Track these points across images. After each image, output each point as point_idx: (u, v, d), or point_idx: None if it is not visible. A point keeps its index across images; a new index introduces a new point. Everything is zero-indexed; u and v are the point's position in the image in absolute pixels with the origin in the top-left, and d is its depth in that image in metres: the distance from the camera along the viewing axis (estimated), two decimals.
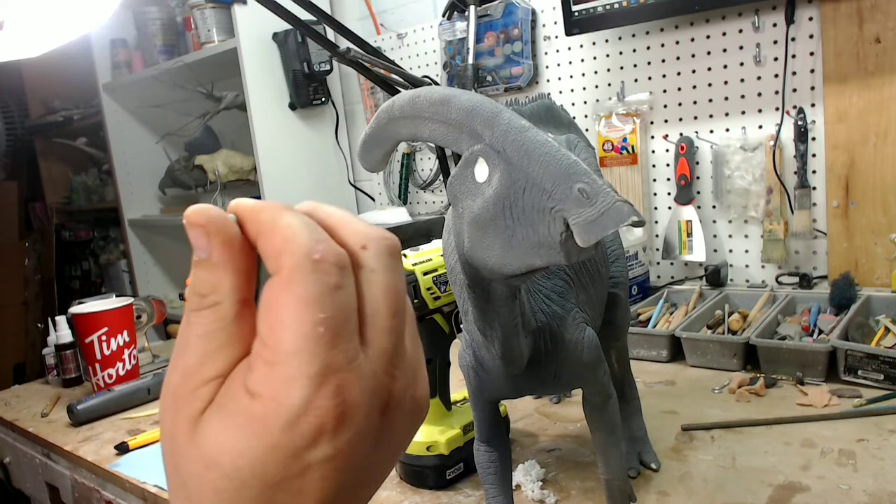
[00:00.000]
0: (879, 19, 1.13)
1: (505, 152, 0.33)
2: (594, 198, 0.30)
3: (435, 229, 0.84)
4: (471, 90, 0.47)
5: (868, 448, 0.76)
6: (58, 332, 1.36)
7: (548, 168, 0.31)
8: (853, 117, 1.18)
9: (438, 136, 0.35)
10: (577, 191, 0.30)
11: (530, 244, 0.32)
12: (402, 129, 0.37)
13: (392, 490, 0.80)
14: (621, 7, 1.30)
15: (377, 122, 0.39)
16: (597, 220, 0.30)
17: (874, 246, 1.19)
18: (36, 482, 1.21)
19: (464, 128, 0.34)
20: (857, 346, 0.92)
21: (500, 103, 0.36)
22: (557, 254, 0.32)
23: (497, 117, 0.33)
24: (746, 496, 0.69)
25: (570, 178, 0.31)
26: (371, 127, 0.39)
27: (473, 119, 0.34)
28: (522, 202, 0.32)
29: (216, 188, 2.09)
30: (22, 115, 3.24)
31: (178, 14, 2.15)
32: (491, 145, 0.33)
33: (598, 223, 0.30)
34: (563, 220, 0.31)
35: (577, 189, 0.30)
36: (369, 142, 0.40)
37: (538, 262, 0.33)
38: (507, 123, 0.33)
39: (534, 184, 0.32)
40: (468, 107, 0.34)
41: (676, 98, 1.39)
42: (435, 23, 1.71)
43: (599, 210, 0.30)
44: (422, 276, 0.77)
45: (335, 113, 2.02)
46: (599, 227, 0.30)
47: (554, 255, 0.32)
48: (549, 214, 0.31)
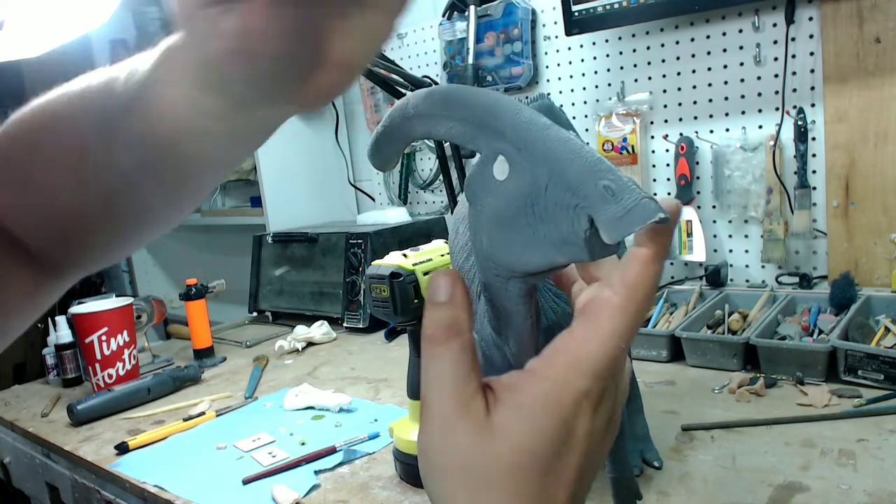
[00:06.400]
0: (879, 19, 1.13)
1: (526, 150, 0.33)
2: (620, 195, 0.30)
3: (435, 229, 0.84)
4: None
5: (868, 448, 0.76)
6: (58, 332, 1.36)
7: (571, 165, 0.31)
8: (853, 117, 1.18)
9: (455, 134, 0.35)
10: (602, 188, 0.30)
11: (553, 241, 0.32)
12: (416, 128, 0.37)
13: (392, 490, 0.80)
14: (621, 7, 1.30)
15: (390, 121, 0.38)
16: (623, 217, 0.29)
17: (874, 246, 1.19)
18: (36, 482, 1.21)
19: (482, 126, 0.34)
20: (857, 346, 0.92)
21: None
22: (581, 251, 0.32)
23: (518, 115, 0.33)
24: (746, 496, 0.69)
25: (595, 175, 0.30)
26: (383, 125, 0.39)
27: (493, 117, 0.34)
28: (545, 199, 0.32)
29: (216, 188, 2.09)
30: None
31: None
32: (512, 143, 0.33)
33: (625, 220, 0.29)
34: (588, 218, 0.31)
35: (603, 186, 0.30)
36: (380, 140, 0.39)
37: (561, 260, 0.33)
38: (529, 121, 0.33)
39: (557, 181, 0.32)
40: (487, 104, 0.34)
41: (676, 98, 1.39)
42: (435, 23, 1.71)
43: (625, 207, 0.29)
44: (422, 276, 0.76)
45: (335, 113, 2.02)
46: (626, 225, 0.30)
47: (578, 253, 0.32)
48: (573, 211, 0.31)
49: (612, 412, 0.33)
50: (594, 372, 0.29)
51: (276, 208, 1.88)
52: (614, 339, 0.29)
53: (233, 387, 1.24)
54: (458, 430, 0.29)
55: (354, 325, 1.51)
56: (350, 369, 1.28)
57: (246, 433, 1.00)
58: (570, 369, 0.29)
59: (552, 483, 0.30)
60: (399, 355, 1.30)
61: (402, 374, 0.84)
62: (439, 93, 0.36)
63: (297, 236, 1.71)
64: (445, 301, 0.30)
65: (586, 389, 0.29)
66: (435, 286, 0.31)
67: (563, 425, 0.29)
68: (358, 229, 1.58)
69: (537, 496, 0.29)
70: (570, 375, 0.29)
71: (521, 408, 0.29)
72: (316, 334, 1.46)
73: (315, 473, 0.86)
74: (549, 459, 0.29)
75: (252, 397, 1.17)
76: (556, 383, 0.29)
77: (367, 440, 0.93)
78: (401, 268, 0.76)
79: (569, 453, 0.30)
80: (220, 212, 2.13)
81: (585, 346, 0.30)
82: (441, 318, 0.30)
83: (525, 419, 0.29)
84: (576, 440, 0.30)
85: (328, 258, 1.63)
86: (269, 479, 0.86)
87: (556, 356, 0.30)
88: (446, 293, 0.31)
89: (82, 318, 1.22)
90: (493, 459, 0.29)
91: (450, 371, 0.30)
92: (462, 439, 0.29)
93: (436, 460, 0.30)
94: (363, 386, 1.17)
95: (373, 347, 1.40)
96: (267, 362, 1.36)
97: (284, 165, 1.91)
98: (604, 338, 0.29)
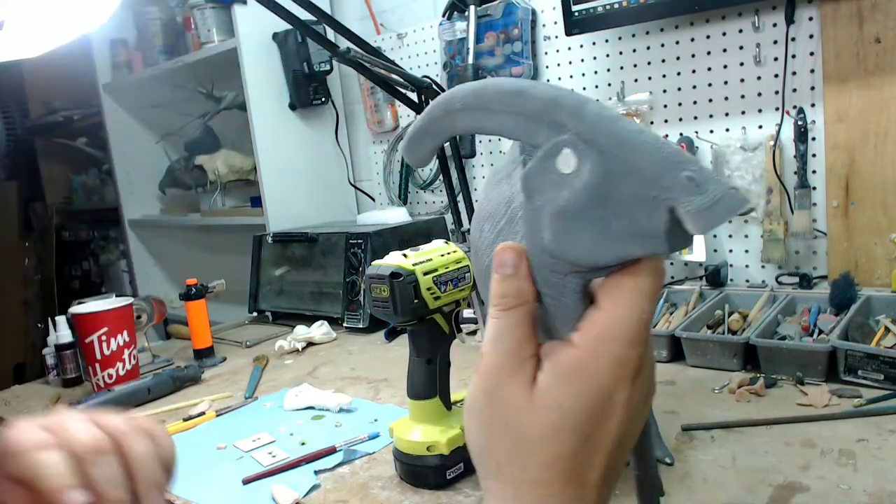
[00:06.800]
0: (879, 19, 1.13)
1: (596, 142, 0.32)
2: (705, 185, 0.29)
3: (435, 229, 0.84)
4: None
5: (868, 448, 0.76)
6: (58, 332, 1.36)
7: (649, 156, 0.31)
8: (853, 117, 1.18)
9: (508, 128, 0.35)
10: (685, 178, 0.30)
11: (627, 234, 0.32)
12: (460, 122, 0.37)
13: (392, 490, 0.80)
14: (621, 7, 1.30)
15: (430, 116, 0.38)
16: (711, 207, 0.29)
17: (874, 246, 1.19)
18: None
19: (542, 119, 0.33)
20: (857, 346, 0.92)
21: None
22: (661, 243, 0.31)
23: (584, 107, 0.33)
24: (746, 496, 0.69)
25: (676, 165, 0.30)
26: (422, 120, 0.38)
27: (555, 110, 0.33)
28: (619, 192, 0.31)
29: (216, 188, 2.09)
30: (22, 115, 3.24)
31: (178, 14, 2.15)
32: (579, 135, 0.32)
33: (713, 211, 0.29)
34: (668, 209, 0.31)
35: (686, 177, 0.30)
36: (419, 136, 0.39)
37: (637, 252, 0.32)
38: (597, 113, 0.32)
39: (632, 172, 0.31)
40: (548, 97, 0.33)
41: (676, 98, 1.39)
42: (435, 23, 1.71)
43: (713, 198, 0.29)
44: (422, 276, 0.76)
45: (335, 113, 2.02)
46: (714, 215, 0.29)
47: (656, 245, 0.31)
48: (652, 203, 0.31)
49: (651, 382, 0.35)
50: (626, 339, 0.32)
51: (276, 208, 1.88)
52: (639, 305, 0.32)
53: (233, 387, 1.24)
54: (509, 385, 0.33)
55: (354, 325, 1.51)
56: (350, 369, 1.28)
57: (246, 433, 1.00)
58: (602, 337, 0.32)
59: (589, 448, 0.32)
60: (399, 355, 1.30)
61: (402, 374, 0.84)
62: (493, 86, 0.35)
63: (297, 236, 1.71)
64: (512, 273, 0.34)
65: (621, 356, 0.32)
66: (501, 260, 0.34)
67: (597, 390, 0.31)
68: (358, 229, 1.58)
69: (573, 458, 0.32)
70: (603, 343, 0.32)
71: (558, 373, 0.32)
72: (316, 334, 1.46)
73: (315, 473, 0.86)
74: (585, 424, 0.31)
75: (252, 397, 1.17)
76: (590, 351, 0.32)
77: (367, 440, 0.93)
78: (401, 268, 0.76)
79: (607, 419, 0.32)
80: (220, 212, 2.13)
81: (614, 315, 0.32)
82: (509, 288, 0.34)
83: (562, 383, 0.32)
84: (613, 407, 0.32)
85: (328, 258, 1.63)
86: (269, 479, 0.86)
87: (589, 328, 0.32)
88: (513, 266, 0.34)
89: (82, 318, 1.22)
90: (533, 418, 0.32)
91: (512, 332, 0.33)
92: (510, 393, 0.33)
93: (483, 410, 0.34)
94: (363, 386, 1.17)
95: (373, 347, 1.40)
96: (267, 362, 1.36)
97: (284, 165, 1.91)
98: (629, 306, 0.32)
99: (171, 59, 2.13)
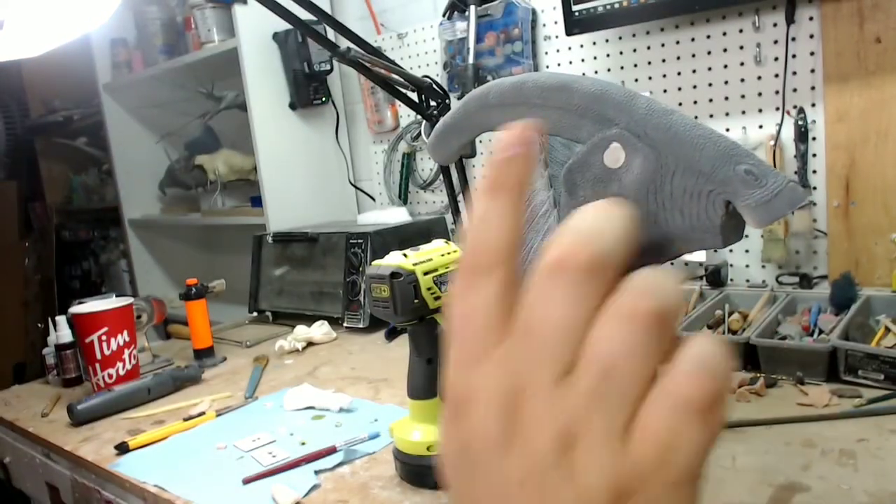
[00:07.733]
0: (880, 19, 1.13)
1: (647, 136, 0.31)
2: (764, 178, 0.29)
3: (435, 229, 0.84)
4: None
5: (868, 448, 0.76)
6: (58, 331, 1.36)
7: (704, 150, 0.30)
8: (854, 117, 1.18)
9: (550, 123, 0.34)
10: (742, 172, 0.29)
11: (679, 229, 0.31)
12: (494, 118, 0.36)
13: (392, 490, 0.80)
14: (621, 7, 1.30)
15: (462, 111, 0.37)
16: (771, 201, 0.29)
17: (875, 246, 1.19)
18: (36, 482, 1.21)
19: (588, 113, 0.33)
20: (858, 346, 0.92)
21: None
22: (715, 237, 0.31)
23: (633, 101, 0.32)
24: (746, 496, 0.69)
25: (732, 159, 0.30)
26: (452, 116, 0.37)
27: (602, 104, 0.32)
28: (671, 186, 0.31)
29: (216, 188, 2.09)
30: (22, 115, 3.24)
31: (178, 14, 2.15)
32: (629, 129, 0.32)
33: (773, 204, 0.29)
34: (724, 203, 0.30)
35: (744, 170, 0.29)
36: (448, 132, 0.38)
37: (690, 247, 0.32)
38: (647, 107, 0.32)
39: (686, 167, 0.31)
40: (595, 91, 0.33)
41: (676, 98, 1.39)
42: (435, 23, 1.71)
43: (773, 191, 0.29)
44: (422, 276, 0.76)
45: (335, 113, 2.02)
46: (774, 209, 0.29)
47: (711, 240, 0.31)
48: (707, 197, 0.30)
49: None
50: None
51: (276, 208, 1.88)
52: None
53: (233, 387, 1.24)
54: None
55: (354, 325, 1.51)
56: (350, 369, 1.27)
57: (246, 433, 1.00)
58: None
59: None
60: (399, 355, 1.30)
61: (402, 374, 0.84)
62: (533, 81, 0.35)
63: (297, 236, 1.71)
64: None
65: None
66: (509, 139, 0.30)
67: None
68: (358, 229, 1.58)
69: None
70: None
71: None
72: (316, 334, 1.46)
73: (315, 473, 0.86)
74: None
75: (252, 397, 1.17)
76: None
77: (368, 440, 0.93)
78: (401, 268, 0.76)
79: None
80: (220, 212, 2.13)
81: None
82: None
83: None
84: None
85: (328, 258, 1.63)
86: (269, 479, 0.86)
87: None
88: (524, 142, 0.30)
89: (82, 317, 1.22)
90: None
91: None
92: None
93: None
94: (363, 386, 1.17)
95: (373, 347, 1.40)
96: (267, 362, 1.36)
97: (284, 165, 1.91)
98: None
99: (171, 58, 2.12)
